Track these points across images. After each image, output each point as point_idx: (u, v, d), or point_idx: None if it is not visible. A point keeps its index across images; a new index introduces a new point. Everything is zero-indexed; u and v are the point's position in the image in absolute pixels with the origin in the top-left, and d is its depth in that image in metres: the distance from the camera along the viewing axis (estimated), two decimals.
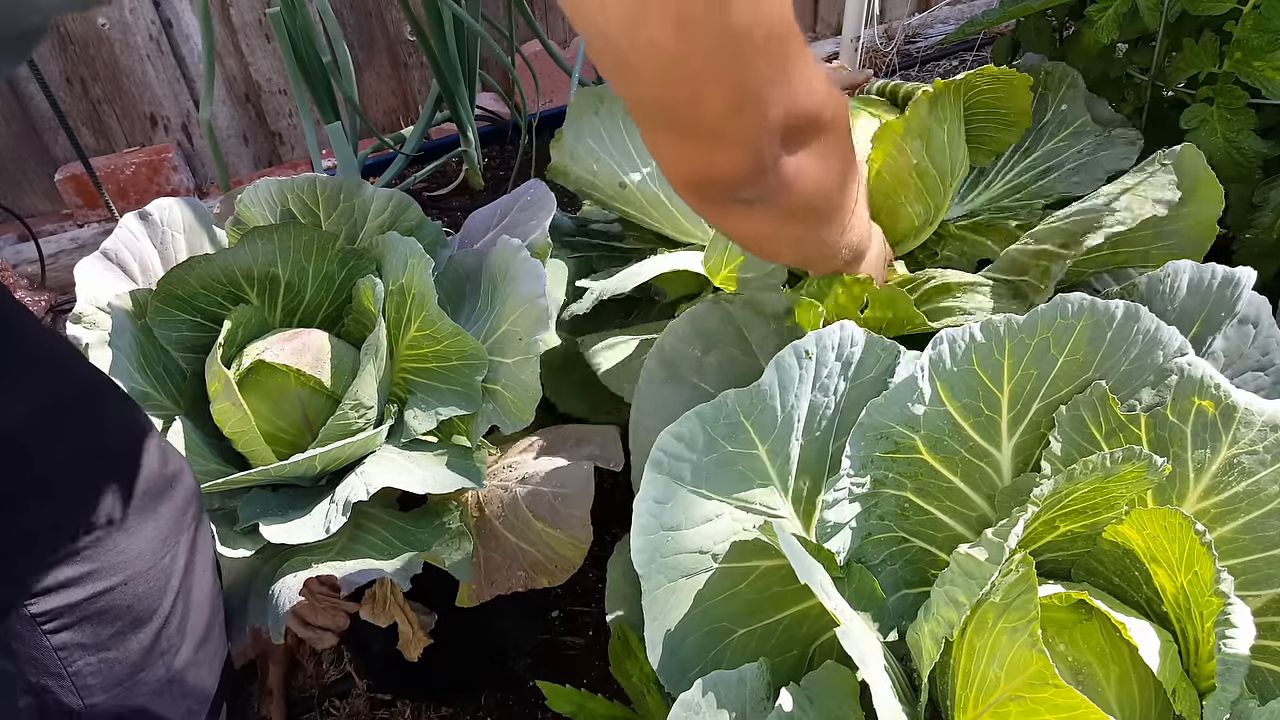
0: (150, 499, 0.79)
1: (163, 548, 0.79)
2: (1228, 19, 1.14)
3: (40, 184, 2.30)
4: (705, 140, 0.62)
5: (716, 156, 0.63)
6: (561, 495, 0.98)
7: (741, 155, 0.63)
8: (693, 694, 0.63)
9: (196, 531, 0.85)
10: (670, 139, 0.63)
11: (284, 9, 1.74)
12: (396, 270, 1.08)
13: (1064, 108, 1.22)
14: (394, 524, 1.03)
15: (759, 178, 0.65)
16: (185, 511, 0.83)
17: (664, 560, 0.69)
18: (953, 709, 0.66)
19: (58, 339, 0.84)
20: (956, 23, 2.80)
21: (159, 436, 0.83)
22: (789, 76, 0.62)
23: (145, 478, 0.79)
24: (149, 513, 0.79)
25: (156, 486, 0.80)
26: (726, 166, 0.64)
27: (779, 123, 0.63)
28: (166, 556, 0.80)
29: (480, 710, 1.31)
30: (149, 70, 2.24)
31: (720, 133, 0.61)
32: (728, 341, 0.87)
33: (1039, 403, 0.74)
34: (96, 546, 0.75)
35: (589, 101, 1.21)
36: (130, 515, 0.77)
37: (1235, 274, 0.79)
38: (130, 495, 0.77)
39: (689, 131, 0.61)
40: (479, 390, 1.04)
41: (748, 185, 0.66)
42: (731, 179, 0.65)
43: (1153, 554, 0.69)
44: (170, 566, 0.80)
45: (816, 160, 0.70)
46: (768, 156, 0.64)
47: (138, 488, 0.78)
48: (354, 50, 2.34)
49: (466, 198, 2.24)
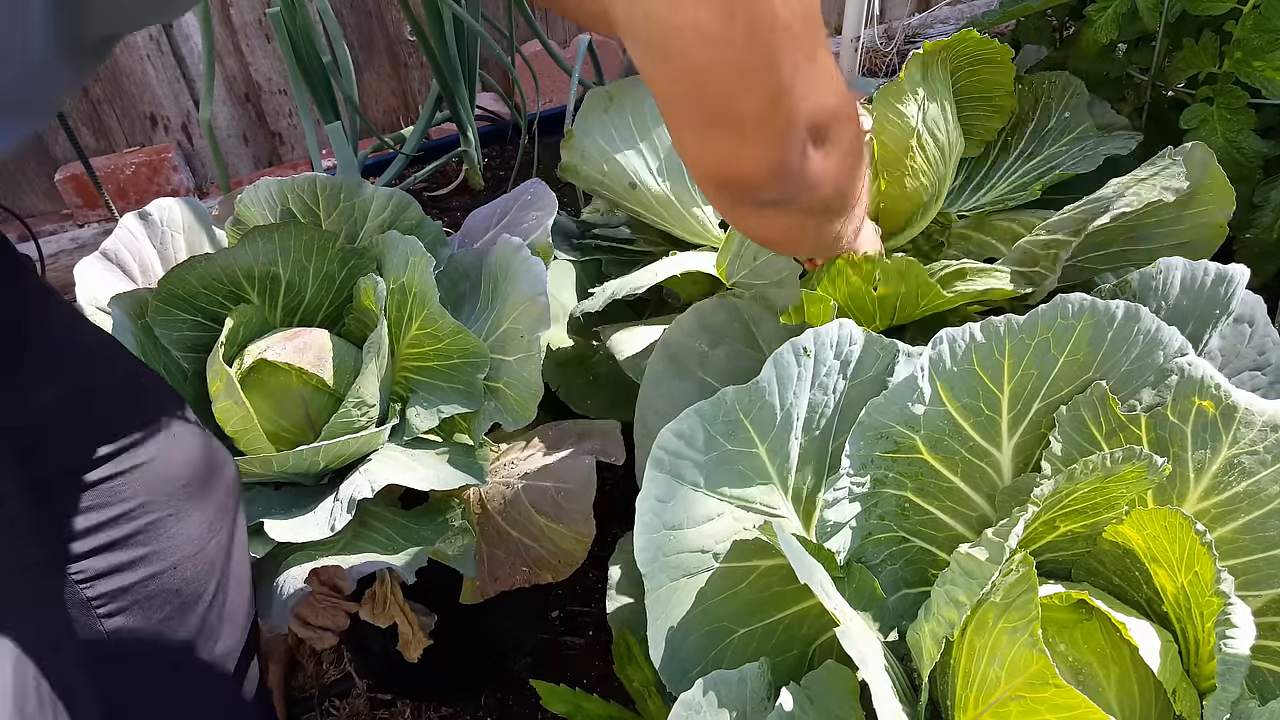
0: (197, 486, 0.80)
1: (209, 533, 0.81)
2: (1228, 19, 1.14)
3: (40, 184, 2.30)
4: (737, 135, 0.60)
5: (747, 152, 0.61)
6: (564, 490, 0.98)
7: (773, 152, 0.62)
8: (694, 693, 0.63)
9: (235, 519, 0.87)
10: (701, 134, 0.61)
11: (284, 9, 1.74)
12: (397, 269, 1.08)
13: (1067, 114, 1.22)
14: (397, 521, 1.03)
15: (788, 177, 0.64)
16: (229, 498, 0.85)
17: (666, 559, 0.69)
18: (953, 709, 0.66)
19: (103, 335, 0.86)
20: (956, 23, 2.80)
21: (202, 427, 0.84)
22: (818, 69, 0.61)
23: (191, 465, 0.80)
24: (196, 499, 0.80)
25: (202, 473, 0.81)
26: (757, 164, 0.62)
27: (808, 118, 0.62)
28: (212, 542, 0.81)
29: (480, 710, 1.31)
30: (149, 70, 2.24)
31: (753, 127, 0.59)
32: (734, 337, 0.87)
33: (1039, 403, 0.74)
34: (148, 531, 0.76)
35: (599, 100, 1.21)
36: (179, 501, 0.78)
37: (1228, 271, 0.79)
38: (178, 482, 0.79)
39: (721, 124, 0.60)
40: (481, 388, 1.04)
41: (777, 183, 0.64)
42: (761, 177, 0.63)
43: (1153, 554, 0.69)
44: (215, 552, 0.82)
45: (839, 156, 0.69)
46: (796, 155, 0.63)
47: (185, 474, 0.79)
48: (354, 50, 2.34)
49: (466, 198, 2.24)
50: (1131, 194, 0.95)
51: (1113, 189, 0.99)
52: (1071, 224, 0.96)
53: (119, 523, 0.74)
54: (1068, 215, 0.99)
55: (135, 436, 0.76)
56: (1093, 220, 0.94)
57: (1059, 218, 1.00)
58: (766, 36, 0.54)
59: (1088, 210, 0.97)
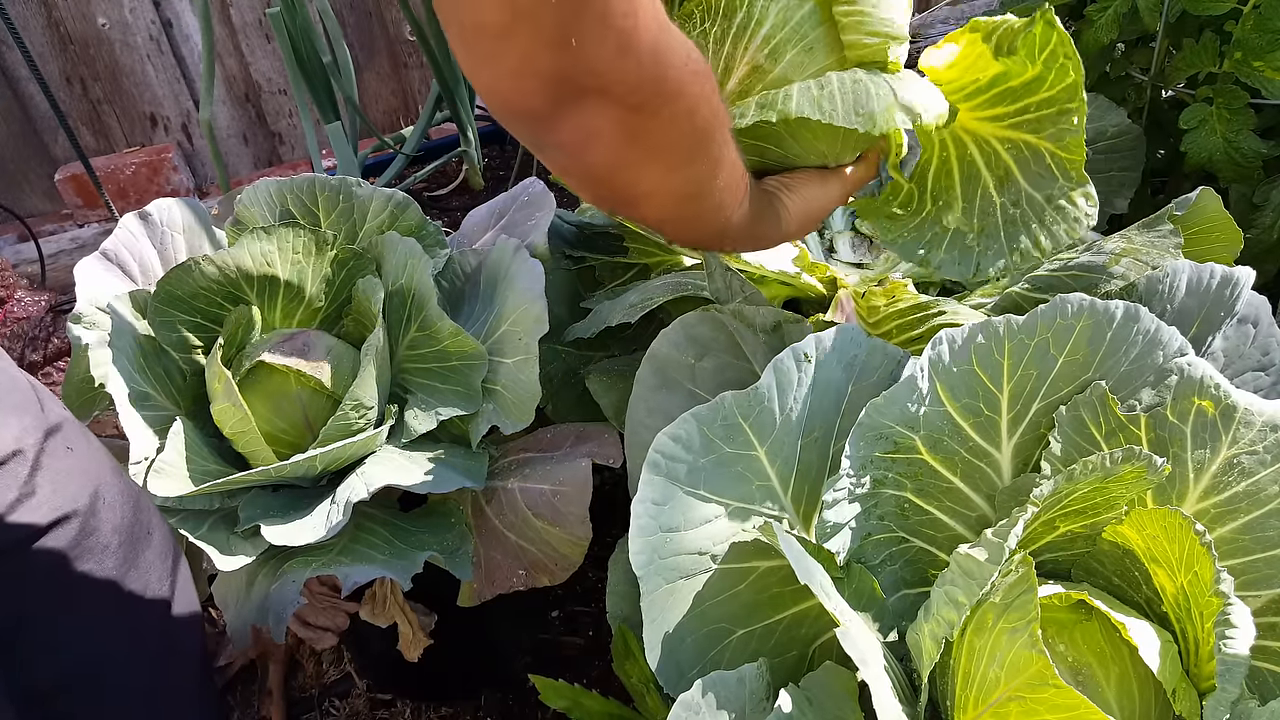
0: (125, 549, 0.78)
1: (140, 597, 0.78)
2: (1228, 19, 1.14)
3: (40, 184, 2.30)
4: (482, 49, 0.53)
5: (488, 69, 0.54)
6: (560, 493, 0.98)
7: (511, 79, 0.54)
8: (692, 694, 0.63)
9: (175, 573, 0.83)
10: (455, 38, 0.54)
11: (284, 9, 1.74)
12: (396, 271, 1.08)
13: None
14: (394, 524, 1.03)
15: (534, 120, 0.57)
16: (165, 557, 0.82)
17: (662, 562, 0.69)
18: (953, 709, 0.66)
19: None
20: (957, 23, 2.80)
21: (130, 480, 0.81)
22: (607, 28, 0.52)
23: (117, 528, 0.77)
24: (127, 564, 0.77)
25: (132, 536, 0.78)
26: (501, 84, 0.55)
27: (559, 67, 0.53)
28: (145, 607, 0.79)
29: (480, 710, 1.31)
30: (149, 70, 2.24)
31: (490, 42, 0.52)
32: (721, 348, 0.87)
33: (1039, 403, 0.74)
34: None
35: None
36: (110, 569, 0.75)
37: (1234, 274, 0.79)
38: (103, 548, 0.76)
39: (468, 32, 0.53)
40: (479, 390, 1.04)
41: (525, 123, 0.58)
42: (513, 106, 0.56)
43: (1152, 554, 0.69)
44: (150, 615, 0.80)
45: (614, 134, 0.59)
46: (536, 97, 0.55)
47: (111, 538, 0.76)
48: (354, 50, 2.34)
49: (466, 198, 2.25)
50: (1121, 273, 0.94)
51: (1105, 258, 0.97)
52: (1060, 287, 0.95)
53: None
54: (1058, 276, 0.98)
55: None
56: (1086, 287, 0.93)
57: (1047, 274, 0.98)
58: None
59: (1077, 278, 0.96)
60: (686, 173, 0.66)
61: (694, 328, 0.88)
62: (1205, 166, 1.17)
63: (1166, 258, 0.93)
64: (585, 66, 0.54)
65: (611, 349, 1.14)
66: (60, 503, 0.72)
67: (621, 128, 0.59)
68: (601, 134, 0.58)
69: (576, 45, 0.52)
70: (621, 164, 0.62)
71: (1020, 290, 0.98)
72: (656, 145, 0.62)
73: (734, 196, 0.72)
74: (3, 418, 0.70)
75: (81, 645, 0.74)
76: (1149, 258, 0.94)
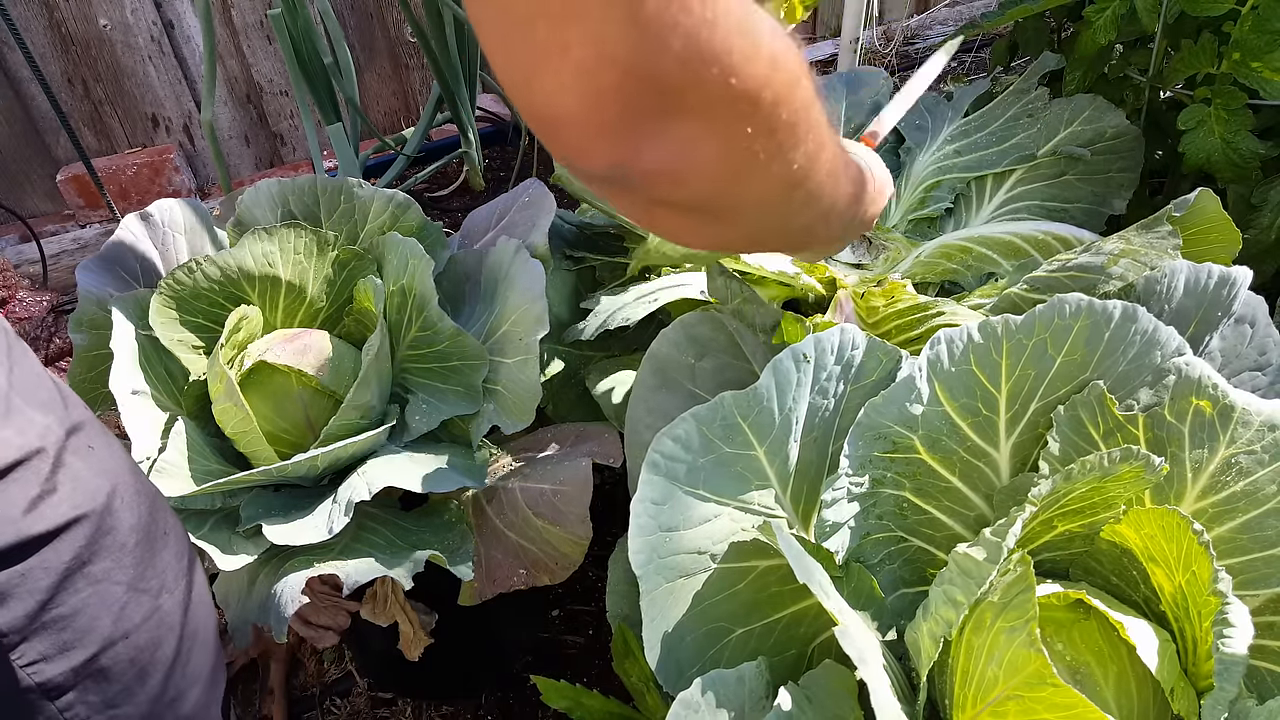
0: (145, 548, 0.77)
1: (158, 597, 0.77)
2: (1226, 20, 1.14)
3: (42, 185, 2.31)
4: (527, 61, 0.40)
5: (539, 89, 0.41)
6: (561, 492, 0.98)
7: (571, 100, 0.40)
8: (692, 693, 0.63)
9: (191, 575, 0.83)
10: (499, 50, 0.41)
11: (285, 10, 1.75)
12: (397, 271, 1.09)
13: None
14: (396, 523, 1.04)
15: (600, 146, 0.43)
16: (179, 560, 0.81)
17: (662, 561, 0.69)
18: (951, 708, 0.66)
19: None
20: (955, 24, 2.80)
21: (149, 484, 0.80)
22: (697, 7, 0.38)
23: (137, 530, 0.76)
24: (144, 563, 0.76)
25: (149, 536, 0.77)
26: (554, 109, 0.41)
27: (647, 67, 0.39)
28: (165, 603, 0.78)
29: (480, 709, 1.31)
30: (150, 71, 2.25)
31: (543, 51, 0.39)
32: (720, 349, 0.87)
33: (1037, 403, 0.75)
34: (92, 605, 0.72)
35: None
36: (124, 569, 0.74)
37: (1231, 274, 0.79)
38: (126, 546, 0.74)
39: (517, 41, 0.40)
40: (480, 390, 1.04)
41: (584, 150, 0.43)
42: (567, 135, 0.43)
43: (1150, 553, 0.69)
44: (170, 613, 0.78)
45: (723, 139, 0.44)
46: (611, 115, 0.41)
47: (133, 539, 0.75)
48: (355, 51, 2.35)
49: (467, 198, 2.25)
50: (1119, 274, 0.94)
51: (1104, 258, 0.96)
52: (1058, 287, 0.95)
53: (52, 604, 0.70)
54: (1056, 277, 0.98)
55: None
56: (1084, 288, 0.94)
57: (1046, 274, 0.99)
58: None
59: (1075, 279, 0.95)
60: (800, 179, 0.52)
61: (694, 328, 0.88)
62: (1203, 167, 1.17)
63: (1165, 258, 0.93)
64: (696, 52, 0.39)
65: (612, 349, 1.15)
66: (79, 500, 0.72)
67: (732, 133, 0.44)
68: (707, 146, 0.44)
69: (671, 21, 0.37)
70: (729, 183, 0.47)
71: (1018, 291, 0.98)
72: (772, 149, 0.47)
73: (834, 181, 0.58)
74: (30, 414, 0.70)
75: (97, 644, 0.74)
76: (1147, 258, 0.94)
